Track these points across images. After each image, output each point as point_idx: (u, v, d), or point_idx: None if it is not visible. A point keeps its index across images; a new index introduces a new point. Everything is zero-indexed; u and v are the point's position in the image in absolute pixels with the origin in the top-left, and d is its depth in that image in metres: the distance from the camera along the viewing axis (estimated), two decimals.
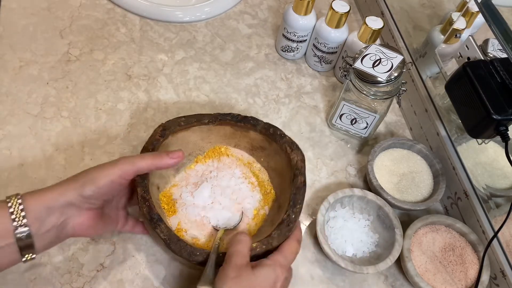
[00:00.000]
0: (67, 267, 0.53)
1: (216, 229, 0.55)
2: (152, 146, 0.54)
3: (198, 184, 0.58)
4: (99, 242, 0.55)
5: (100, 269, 0.53)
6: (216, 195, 0.57)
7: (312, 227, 0.61)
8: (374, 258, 0.57)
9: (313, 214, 0.62)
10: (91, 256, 0.54)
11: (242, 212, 0.57)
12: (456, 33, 0.63)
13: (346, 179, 0.66)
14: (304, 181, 0.54)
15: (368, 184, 0.63)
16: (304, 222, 0.61)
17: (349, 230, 0.58)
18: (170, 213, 0.56)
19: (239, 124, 0.59)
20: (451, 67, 0.63)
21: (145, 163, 0.48)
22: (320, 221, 0.57)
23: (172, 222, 0.55)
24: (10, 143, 0.61)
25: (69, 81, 0.69)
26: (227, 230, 0.55)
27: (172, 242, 0.48)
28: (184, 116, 0.58)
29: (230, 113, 0.59)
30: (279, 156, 0.58)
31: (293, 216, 0.51)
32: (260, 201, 0.59)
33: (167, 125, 0.56)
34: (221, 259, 0.48)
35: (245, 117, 0.59)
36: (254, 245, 0.49)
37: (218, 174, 0.59)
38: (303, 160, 0.56)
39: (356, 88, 0.61)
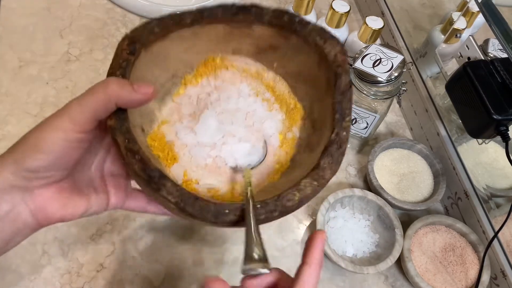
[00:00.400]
0: (67, 267, 0.53)
1: (237, 170, 0.42)
2: (120, 71, 0.36)
3: (196, 114, 0.43)
4: (99, 243, 0.55)
5: (100, 269, 0.53)
6: (226, 125, 0.42)
7: (312, 227, 0.61)
8: (374, 258, 0.57)
9: (313, 214, 0.62)
10: (91, 256, 0.54)
11: (265, 141, 0.43)
12: (457, 33, 0.63)
13: (346, 179, 0.66)
14: (350, 82, 0.39)
15: (368, 184, 0.63)
16: (304, 223, 0.61)
17: (349, 230, 0.58)
18: (169, 161, 0.40)
19: (236, 18, 0.41)
20: (452, 67, 0.63)
21: (101, 100, 0.32)
22: (320, 221, 0.56)
23: (176, 173, 0.40)
24: (9, 143, 0.60)
25: (69, 81, 0.69)
26: (252, 169, 0.42)
27: (188, 204, 0.33)
28: (156, 19, 0.39)
29: (220, 4, 0.40)
30: (303, 54, 0.42)
31: (344, 134, 0.37)
32: (284, 121, 0.44)
33: (135, 35, 0.37)
34: (261, 212, 0.34)
35: (243, 6, 0.41)
36: (302, 183, 0.35)
37: (220, 96, 0.44)
38: (343, 52, 0.39)
39: (356, 88, 0.60)
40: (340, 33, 0.71)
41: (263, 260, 0.31)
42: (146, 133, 0.40)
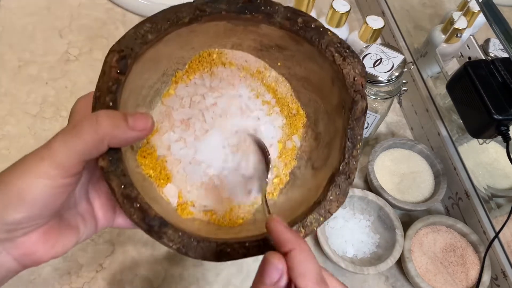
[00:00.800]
0: (67, 267, 0.52)
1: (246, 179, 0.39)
2: (110, 97, 0.31)
3: (190, 122, 0.38)
4: (98, 243, 0.55)
5: (99, 270, 0.53)
6: (229, 145, 0.39)
7: None
8: (375, 259, 0.56)
9: None
10: (90, 257, 0.54)
11: (267, 150, 0.38)
12: (457, 32, 0.63)
13: None
14: (366, 108, 0.35)
15: (369, 184, 0.63)
16: None
17: (349, 231, 0.58)
18: (162, 181, 0.37)
19: (242, 16, 0.35)
20: (452, 66, 0.63)
21: (90, 141, 0.28)
22: None
23: (169, 194, 0.37)
24: (9, 143, 0.61)
25: (68, 81, 0.68)
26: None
27: (190, 249, 0.32)
28: (148, 21, 0.33)
29: None
30: (315, 63, 0.38)
31: (353, 163, 0.35)
32: (284, 127, 0.41)
33: (125, 47, 0.32)
34: (265, 249, 0.32)
35: (250, 1, 0.35)
36: (308, 219, 0.34)
37: (217, 102, 0.39)
38: (363, 75, 0.36)
39: None
40: (341, 33, 0.70)
41: None
42: (136, 150, 0.36)
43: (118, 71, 0.31)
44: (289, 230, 0.29)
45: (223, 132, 0.39)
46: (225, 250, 0.32)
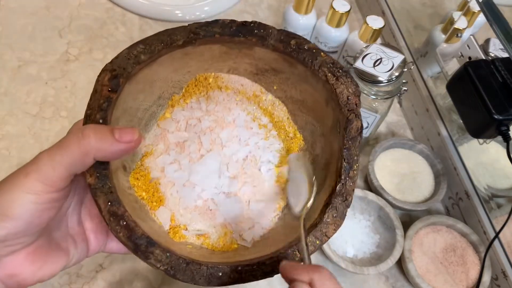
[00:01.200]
0: None
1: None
2: (101, 114, 0.31)
3: (185, 144, 0.38)
4: None
5: (99, 270, 0.53)
6: (222, 164, 0.39)
7: None
8: (375, 259, 0.56)
9: None
10: (90, 257, 0.53)
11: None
12: (457, 32, 0.63)
13: None
14: (361, 128, 0.35)
15: (369, 184, 0.63)
16: None
17: (350, 231, 0.58)
18: (155, 204, 0.37)
19: (236, 39, 0.36)
20: (452, 66, 0.63)
21: (76, 155, 0.27)
22: None
23: (161, 217, 0.37)
24: (9, 143, 0.61)
25: (68, 80, 0.68)
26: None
27: (178, 271, 0.32)
28: (142, 42, 0.34)
29: (217, 21, 0.35)
30: (309, 85, 0.38)
31: (350, 185, 0.34)
32: (281, 151, 0.40)
33: (117, 67, 0.32)
34: (257, 273, 0.33)
35: (244, 24, 0.35)
36: (309, 240, 0.33)
37: (213, 124, 0.39)
38: (357, 94, 0.35)
39: None
40: (341, 33, 0.70)
41: None
42: (129, 171, 0.36)
43: (110, 89, 0.32)
44: (289, 270, 0.28)
45: (219, 155, 0.38)
46: (215, 274, 0.32)
